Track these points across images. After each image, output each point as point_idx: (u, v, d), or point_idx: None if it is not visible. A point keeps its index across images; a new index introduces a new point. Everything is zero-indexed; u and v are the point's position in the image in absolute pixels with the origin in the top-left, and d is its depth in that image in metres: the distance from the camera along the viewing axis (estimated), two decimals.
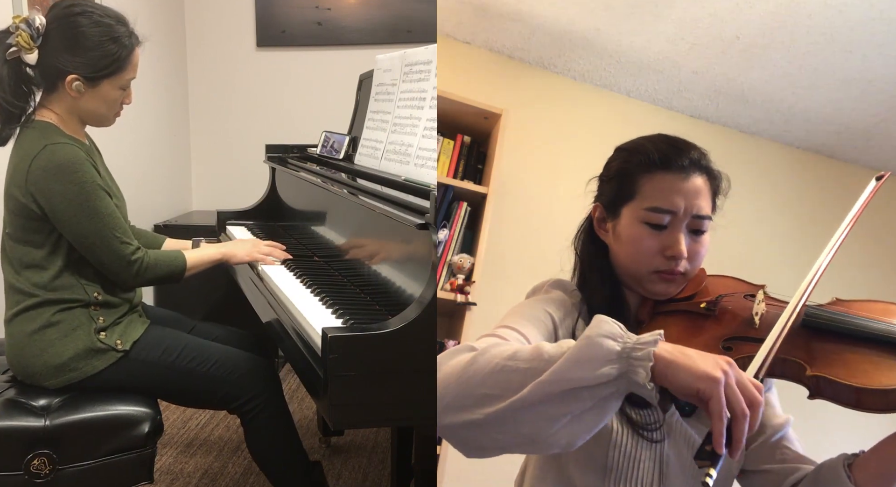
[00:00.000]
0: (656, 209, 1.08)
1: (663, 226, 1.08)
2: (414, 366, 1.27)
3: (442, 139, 2.40)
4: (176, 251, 1.72)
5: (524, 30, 2.53)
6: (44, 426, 1.50)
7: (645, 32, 2.44)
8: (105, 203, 1.56)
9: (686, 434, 1.06)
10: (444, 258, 2.33)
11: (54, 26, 1.55)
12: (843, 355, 0.95)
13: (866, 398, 0.89)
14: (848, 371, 0.91)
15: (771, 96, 2.70)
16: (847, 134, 2.86)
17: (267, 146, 2.60)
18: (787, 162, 3.00)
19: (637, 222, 1.10)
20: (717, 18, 2.30)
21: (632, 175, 1.11)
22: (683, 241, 1.08)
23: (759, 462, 1.11)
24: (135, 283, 1.65)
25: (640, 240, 1.09)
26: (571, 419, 0.80)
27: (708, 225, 1.11)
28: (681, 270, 1.08)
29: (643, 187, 1.10)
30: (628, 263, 1.11)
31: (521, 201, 2.61)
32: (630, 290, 1.14)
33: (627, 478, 1.01)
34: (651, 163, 1.10)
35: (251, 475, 2.32)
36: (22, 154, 1.55)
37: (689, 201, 1.08)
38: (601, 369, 0.79)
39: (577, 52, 2.62)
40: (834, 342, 0.97)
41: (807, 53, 2.41)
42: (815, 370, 0.92)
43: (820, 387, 0.92)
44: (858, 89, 2.55)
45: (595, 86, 2.82)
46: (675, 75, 2.66)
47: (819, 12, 2.20)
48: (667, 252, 1.08)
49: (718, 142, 2.92)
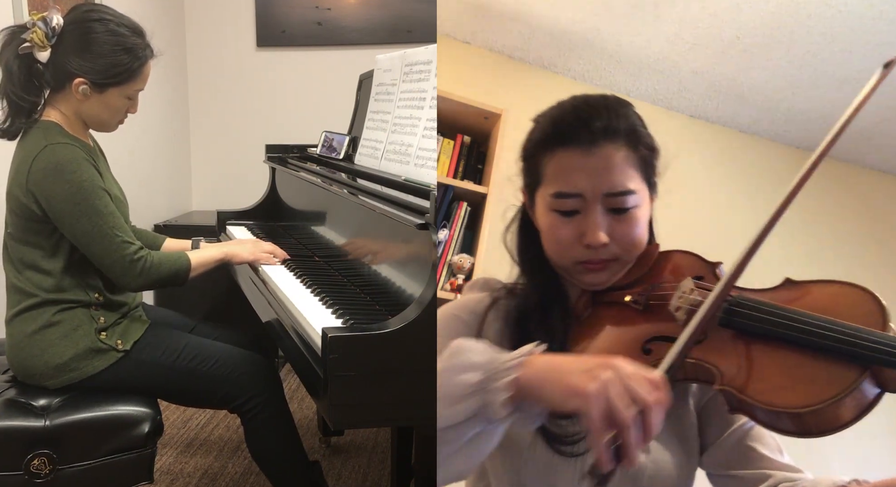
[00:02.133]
0: (559, 195, 0.95)
1: (575, 211, 0.95)
2: (414, 366, 1.27)
3: (442, 139, 2.40)
4: (179, 253, 1.71)
5: (524, 30, 2.53)
6: (44, 426, 1.50)
7: (645, 32, 2.44)
8: (105, 202, 1.55)
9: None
10: (444, 258, 2.33)
11: (70, 28, 1.56)
12: (761, 362, 0.81)
13: (777, 419, 0.77)
14: (760, 387, 0.78)
15: (771, 96, 2.70)
16: (847, 134, 2.86)
17: (267, 146, 2.60)
18: (787, 162, 2.99)
19: (547, 210, 0.97)
20: (717, 18, 2.30)
21: (535, 156, 0.99)
22: (600, 226, 0.94)
23: (722, 466, 0.98)
24: (137, 284, 1.61)
25: (553, 230, 0.97)
26: (451, 454, 0.76)
27: (634, 200, 0.95)
28: (607, 257, 0.96)
29: (547, 168, 0.97)
30: (552, 255, 0.99)
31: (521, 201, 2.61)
32: (569, 281, 1.03)
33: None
34: (548, 139, 0.97)
35: (251, 475, 2.32)
36: (24, 154, 1.55)
37: (598, 177, 0.93)
38: (458, 406, 0.73)
39: (577, 52, 2.62)
40: (757, 343, 0.83)
41: (807, 53, 2.41)
42: (724, 381, 0.80)
43: (731, 401, 0.80)
44: (858, 89, 2.55)
45: (595, 86, 2.82)
46: (675, 75, 2.66)
47: (819, 12, 2.20)
48: (583, 240, 0.95)
49: (718, 142, 2.92)
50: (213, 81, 3.69)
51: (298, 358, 1.43)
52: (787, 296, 0.88)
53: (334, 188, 1.88)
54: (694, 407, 1.01)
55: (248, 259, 1.88)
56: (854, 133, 2.84)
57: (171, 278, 1.65)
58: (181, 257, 1.68)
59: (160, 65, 1.72)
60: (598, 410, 0.65)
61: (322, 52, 3.57)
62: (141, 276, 1.59)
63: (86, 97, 1.58)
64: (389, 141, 1.96)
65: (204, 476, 2.33)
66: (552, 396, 0.69)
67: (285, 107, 3.63)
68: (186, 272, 1.68)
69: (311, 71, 3.59)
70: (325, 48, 3.56)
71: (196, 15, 3.65)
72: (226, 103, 3.70)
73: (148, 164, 3.33)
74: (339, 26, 3.52)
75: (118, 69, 1.57)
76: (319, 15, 3.52)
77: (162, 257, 1.65)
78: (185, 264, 1.68)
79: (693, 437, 1.00)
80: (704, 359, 0.83)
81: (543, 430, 0.89)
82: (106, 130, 1.68)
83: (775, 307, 0.84)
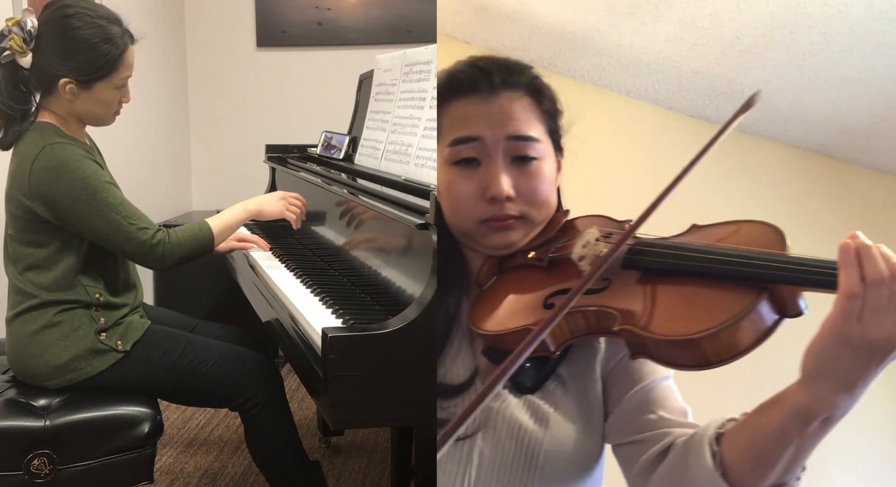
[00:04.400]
0: (456, 141, 0.90)
1: (473, 161, 0.90)
2: (414, 366, 1.27)
3: None
4: (199, 224, 1.68)
5: (524, 30, 2.53)
6: (44, 426, 1.50)
7: (645, 32, 2.44)
8: (113, 193, 1.55)
9: (511, 418, 0.89)
10: None
11: (45, 29, 1.53)
12: (663, 298, 0.80)
13: (678, 351, 0.74)
14: (660, 321, 0.76)
15: (771, 96, 2.70)
16: (847, 134, 2.86)
17: (267, 146, 2.60)
18: (787, 162, 2.99)
19: (446, 164, 0.91)
20: (717, 18, 2.30)
21: (439, 110, 0.94)
22: (504, 176, 0.89)
23: (623, 433, 0.92)
24: (165, 265, 1.61)
25: (452, 186, 0.91)
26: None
27: (538, 150, 0.91)
28: (513, 213, 0.91)
29: (444, 121, 0.92)
30: (450, 217, 0.93)
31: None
32: (473, 250, 0.97)
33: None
34: (445, 92, 0.92)
35: (251, 475, 2.32)
36: (22, 157, 1.55)
37: (499, 122, 0.89)
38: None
39: (577, 52, 2.62)
40: (660, 282, 0.81)
41: (807, 53, 2.41)
42: (624, 321, 0.78)
43: (632, 342, 0.78)
44: (858, 89, 2.55)
45: (595, 86, 2.82)
46: (675, 75, 2.66)
47: (819, 12, 2.20)
48: (486, 194, 0.89)
49: (718, 142, 2.91)
50: (213, 81, 3.69)
51: (298, 358, 1.43)
52: (691, 239, 0.87)
53: (334, 188, 1.88)
54: (600, 376, 0.96)
55: (276, 215, 1.85)
56: (854, 133, 2.85)
57: (198, 251, 1.65)
58: (202, 229, 1.67)
59: (160, 65, 1.72)
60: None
61: (322, 52, 3.57)
62: (165, 258, 1.59)
63: (75, 96, 1.56)
64: (389, 141, 1.96)
65: (204, 476, 2.33)
66: None
67: (285, 107, 3.63)
68: (211, 242, 1.67)
69: (311, 71, 3.59)
70: (325, 48, 3.56)
71: (196, 15, 3.65)
72: (226, 103, 3.70)
73: (148, 164, 3.33)
74: (339, 26, 3.52)
75: (99, 62, 1.55)
76: (319, 15, 3.52)
77: (182, 233, 1.64)
78: (208, 234, 1.67)
79: (598, 408, 0.95)
80: (607, 305, 0.82)
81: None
82: (103, 124, 1.66)
83: (674, 243, 0.83)
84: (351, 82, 2.52)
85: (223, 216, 1.74)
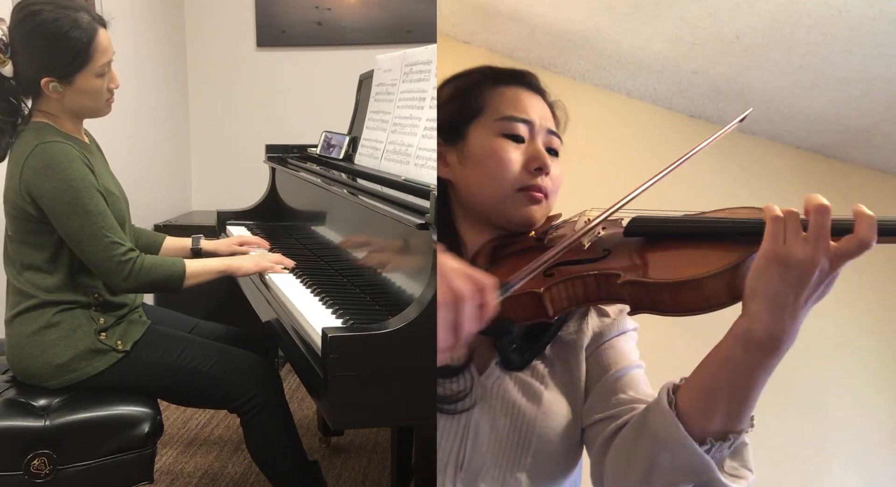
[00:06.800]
0: (510, 118, 0.99)
1: (521, 138, 1.00)
2: (414, 366, 1.27)
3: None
4: (176, 259, 1.65)
5: (524, 30, 2.53)
6: (44, 426, 1.50)
7: (645, 32, 2.44)
8: (95, 202, 1.53)
9: (505, 395, 0.95)
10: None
11: (16, 32, 1.52)
12: (665, 256, 0.86)
13: (679, 295, 0.81)
14: (660, 271, 0.83)
15: (771, 96, 2.70)
16: (847, 134, 2.86)
17: (267, 146, 2.60)
18: (787, 162, 2.99)
19: (492, 135, 0.99)
20: (717, 18, 2.30)
21: (475, 90, 1.03)
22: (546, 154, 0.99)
23: (593, 411, 0.97)
24: (126, 286, 1.57)
25: (500, 152, 0.98)
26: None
27: (560, 147, 1.03)
28: (546, 188, 0.99)
29: (493, 99, 1.02)
30: (487, 183, 0.99)
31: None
32: (477, 231, 1.01)
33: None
34: (496, 78, 1.03)
35: (251, 475, 2.32)
36: (16, 156, 1.54)
37: (544, 116, 1.02)
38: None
39: (577, 52, 2.62)
40: (662, 246, 0.88)
41: (807, 53, 2.41)
42: (625, 276, 0.84)
43: (635, 295, 0.84)
44: (858, 89, 2.55)
45: (595, 86, 2.82)
46: (675, 75, 2.66)
47: (819, 12, 2.20)
48: (532, 165, 0.98)
49: (719, 142, 2.91)
50: (213, 81, 3.69)
51: (298, 358, 1.43)
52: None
53: (334, 188, 1.88)
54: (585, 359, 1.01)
55: (252, 270, 1.80)
56: (854, 133, 2.85)
57: (164, 282, 1.60)
58: (176, 264, 1.62)
59: (160, 65, 1.71)
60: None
61: (322, 52, 3.57)
62: (130, 278, 1.55)
63: (60, 93, 1.55)
64: (389, 141, 1.96)
65: (204, 476, 2.33)
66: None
67: (285, 107, 3.63)
68: (180, 280, 1.62)
69: (311, 71, 3.59)
70: (325, 48, 3.56)
71: (196, 15, 3.65)
72: (226, 103, 3.70)
73: (148, 164, 3.34)
74: (339, 26, 3.52)
75: (71, 53, 1.52)
76: (319, 15, 3.53)
77: (156, 261, 1.60)
78: (180, 270, 1.62)
79: (580, 385, 1.00)
80: (608, 267, 0.87)
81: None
82: (99, 115, 1.64)
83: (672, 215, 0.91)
84: (351, 82, 2.52)
85: (201, 263, 1.70)
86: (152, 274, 1.58)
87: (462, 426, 0.92)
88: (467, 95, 1.03)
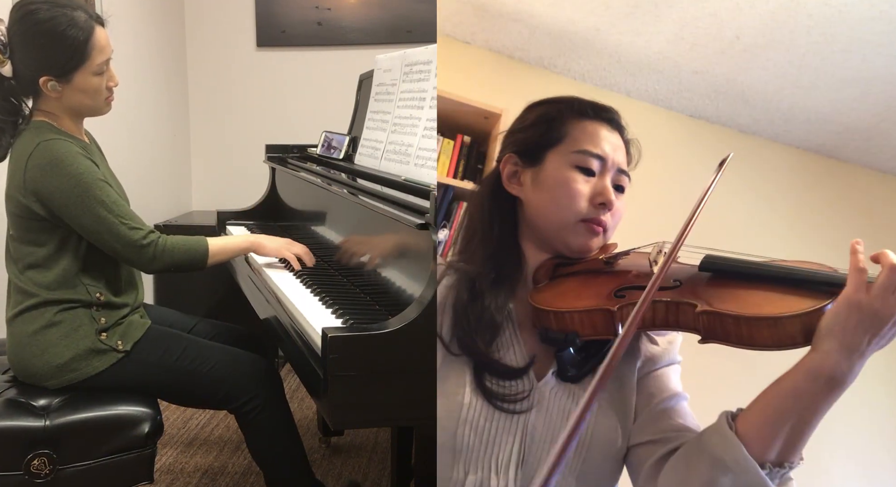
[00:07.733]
0: (586, 152, 1.06)
1: (592, 172, 1.06)
2: (414, 366, 1.27)
3: (442, 139, 2.40)
4: (198, 237, 1.68)
5: (524, 30, 2.53)
6: (44, 426, 1.50)
7: (645, 32, 2.44)
8: (106, 192, 1.54)
9: (561, 404, 0.99)
10: (445, 258, 2.33)
11: (14, 31, 1.53)
12: (738, 292, 0.92)
13: (755, 330, 0.86)
14: (738, 305, 0.89)
15: (771, 96, 2.70)
16: (847, 134, 2.86)
17: (267, 146, 2.60)
18: (787, 162, 2.99)
19: (567, 165, 1.06)
20: (717, 18, 2.30)
21: (559, 120, 1.09)
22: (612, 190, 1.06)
23: (644, 433, 1.02)
24: (153, 267, 1.60)
25: (570, 183, 1.05)
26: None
27: (627, 185, 1.09)
28: (606, 222, 1.06)
29: (573, 130, 1.08)
30: (553, 210, 1.06)
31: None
32: (538, 248, 1.09)
33: (479, 459, 0.95)
34: (581, 111, 1.09)
35: (251, 475, 2.32)
36: (17, 155, 1.55)
37: (616, 152, 1.07)
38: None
39: (577, 52, 2.62)
40: (733, 284, 0.94)
41: (807, 53, 2.41)
42: (703, 306, 0.90)
43: (709, 325, 0.89)
44: (858, 89, 2.55)
45: (595, 86, 2.82)
46: (675, 75, 2.66)
47: (819, 12, 2.20)
48: (597, 199, 1.05)
49: (718, 142, 2.91)
50: (213, 81, 3.69)
51: (298, 358, 1.43)
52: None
53: (334, 188, 1.88)
54: (637, 378, 1.06)
55: (273, 254, 1.83)
56: (854, 133, 2.85)
57: (188, 261, 1.64)
58: (199, 243, 1.66)
59: (160, 65, 1.71)
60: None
61: (322, 52, 3.57)
62: (155, 260, 1.58)
63: (59, 92, 1.55)
64: (389, 141, 1.96)
65: (204, 476, 2.33)
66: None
67: (285, 107, 3.63)
68: (204, 257, 1.66)
69: (311, 71, 3.59)
70: (325, 48, 3.56)
71: (196, 15, 3.65)
72: (226, 103, 3.70)
73: (148, 164, 3.34)
74: (339, 26, 3.52)
75: (70, 51, 1.52)
76: (319, 15, 3.52)
77: (178, 241, 1.63)
78: (203, 249, 1.66)
79: (631, 410, 1.04)
80: (681, 299, 0.92)
81: (484, 389, 0.95)
82: (99, 113, 1.65)
83: (744, 257, 0.96)
84: (351, 82, 2.52)
85: (225, 239, 1.73)
86: (175, 253, 1.61)
87: (520, 427, 0.96)
88: (551, 124, 1.09)
